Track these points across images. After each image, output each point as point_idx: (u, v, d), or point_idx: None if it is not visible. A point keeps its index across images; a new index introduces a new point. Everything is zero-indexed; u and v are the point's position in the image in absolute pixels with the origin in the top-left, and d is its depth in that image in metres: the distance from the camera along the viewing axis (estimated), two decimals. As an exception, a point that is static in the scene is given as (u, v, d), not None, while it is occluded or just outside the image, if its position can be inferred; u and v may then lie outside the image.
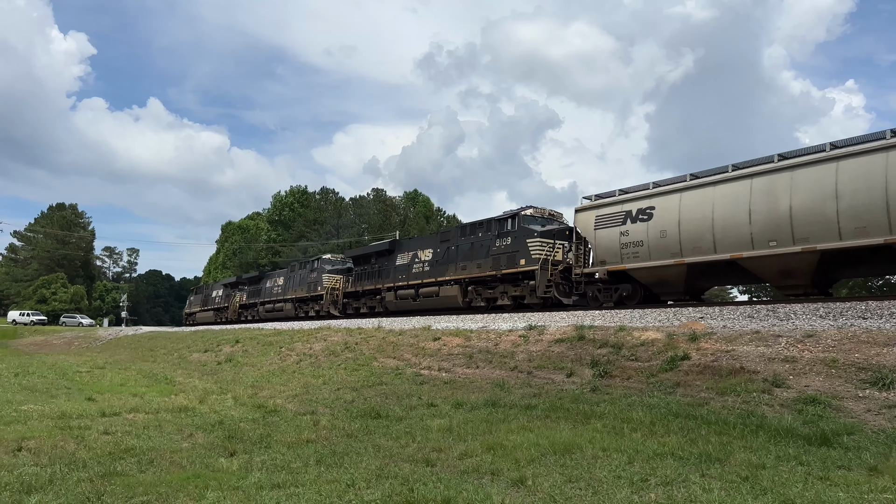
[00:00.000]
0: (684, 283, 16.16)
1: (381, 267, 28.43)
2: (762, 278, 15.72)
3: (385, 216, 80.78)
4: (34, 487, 5.55)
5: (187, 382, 16.24)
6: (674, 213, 15.94)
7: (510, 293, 21.07)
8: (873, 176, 12.32)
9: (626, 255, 16.95)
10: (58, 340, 48.37)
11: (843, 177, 12.88)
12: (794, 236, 13.52)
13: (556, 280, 19.25)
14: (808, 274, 13.75)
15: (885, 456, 5.87)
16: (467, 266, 22.85)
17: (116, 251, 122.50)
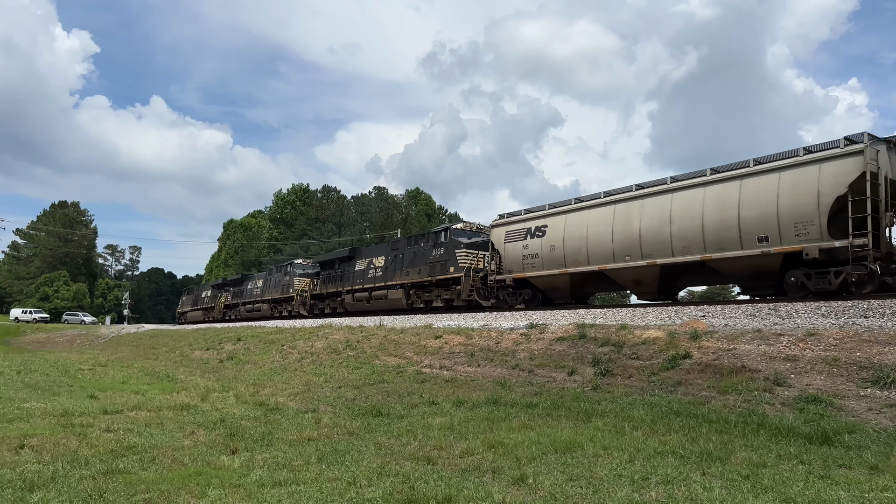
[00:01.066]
0: (570, 289, 19.55)
1: (342, 272, 31.54)
2: (623, 286, 18.87)
3: (387, 214, 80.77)
4: (37, 485, 5.57)
5: (189, 380, 16.26)
6: (560, 232, 19.20)
7: (443, 296, 24.11)
8: (694, 206, 15.58)
9: (526, 265, 20.34)
10: (60, 338, 48.44)
11: (675, 205, 16.05)
12: (642, 253, 16.71)
13: (477, 285, 22.47)
14: (654, 283, 16.89)
15: (886, 455, 5.88)
16: (410, 273, 25.93)
17: (118, 249, 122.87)
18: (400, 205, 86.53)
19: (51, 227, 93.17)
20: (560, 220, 19.48)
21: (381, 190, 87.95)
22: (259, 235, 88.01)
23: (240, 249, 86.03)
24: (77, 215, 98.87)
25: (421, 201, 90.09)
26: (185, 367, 20.62)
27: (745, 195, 14.71)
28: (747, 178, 14.90)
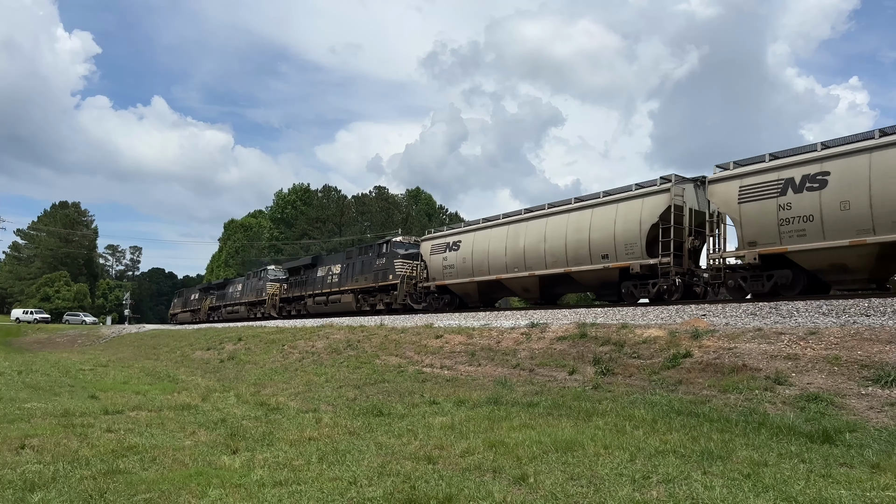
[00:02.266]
0: (478, 294, 23.62)
1: (306, 278, 35.16)
2: (515, 292, 23.02)
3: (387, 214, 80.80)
4: (37, 485, 5.57)
5: (190, 380, 16.27)
6: (470, 246, 23.18)
7: (384, 300, 27.78)
8: (560, 228, 19.54)
9: (446, 274, 24.33)
10: (61, 338, 48.48)
11: (548, 228, 19.96)
12: (526, 265, 20.64)
13: (411, 291, 26.25)
14: (536, 290, 20.92)
15: (887, 453, 5.87)
16: (359, 279, 29.74)
17: (119, 249, 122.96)
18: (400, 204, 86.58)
19: (51, 228, 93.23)
20: (470, 236, 23.55)
21: (382, 190, 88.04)
22: (260, 235, 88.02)
23: (240, 249, 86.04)
24: (78, 215, 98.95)
25: (422, 201, 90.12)
26: (186, 367, 20.63)
27: (594, 221, 18.56)
28: (597, 207, 18.72)
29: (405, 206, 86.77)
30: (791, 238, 14.03)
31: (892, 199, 12.27)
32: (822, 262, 13.81)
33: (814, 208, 13.61)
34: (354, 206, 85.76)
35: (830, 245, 13.30)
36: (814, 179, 13.69)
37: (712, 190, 15.86)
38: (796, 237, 13.94)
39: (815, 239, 13.60)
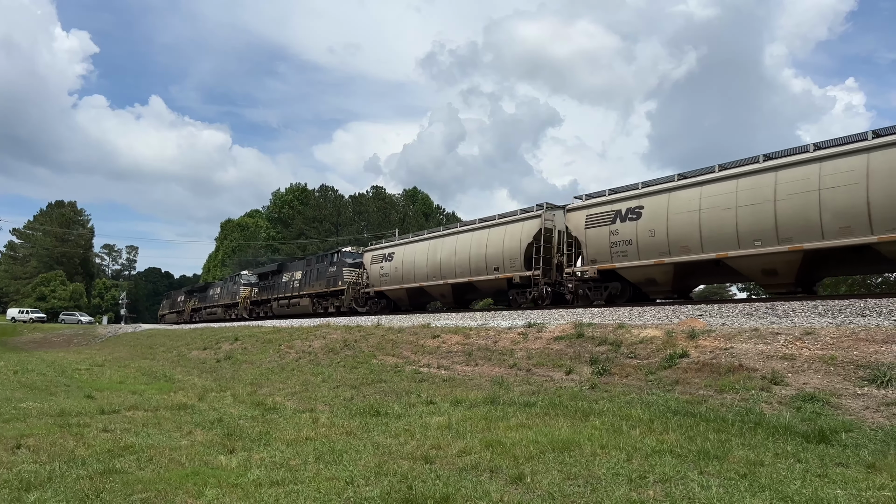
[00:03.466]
0: (408, 299, 27.60)
1: (273, 283, 38.76)
2: (435, 297, 26.88)
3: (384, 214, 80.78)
4: (33, 485, 5.56)
5: (186, 380, 16.25)
6: (401, 257, 27.27)
7: (334, 304, 31.45)
8: (465, 244, 23.67)
9: (382, 282, 28.42)
10: (57, 338, 48.36)
11: (458, 244, 24.05)
12: (441, 275, 24.83)
13: (356, 296, 30.22)
14: (450, 295, 25.08)
15: (882, 453, 5.88)
16: (314, 285, 33.22)
17: (116, 249, 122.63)
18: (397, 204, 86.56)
19: (47, 227, 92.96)
20: (402, 249, 27.62)
21: (379, 189, 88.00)
22: (256, 235, 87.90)
23: (237, 249, 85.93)
24: (74, 215, 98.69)
25: (419, 201, 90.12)
26: (183, 367, 20.60)
27: (490, 239, 22.67)
28: (492, 228, 22.93)
29: (402, 206, 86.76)
30: (618, 257, 17.87)
31: (680, 230, 16.31)
32: (639, 277, 17.71)
33: (632, 234, 17.51)
34: (351, 205, 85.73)
35: (643, 264, 17.20)
36: (633, 212, 17.66)
37: (568, 217, 19.73)
38: (621, 257, 17.79)
39: (633, 258, 17.45)
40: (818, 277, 16.59)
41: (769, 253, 14.47)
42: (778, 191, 14.37)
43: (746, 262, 15.16)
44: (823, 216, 13.52)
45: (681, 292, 17.98)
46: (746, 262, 15.12)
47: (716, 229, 15.49)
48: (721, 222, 15.35)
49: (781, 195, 14.28)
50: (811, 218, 13.69)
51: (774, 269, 14.81)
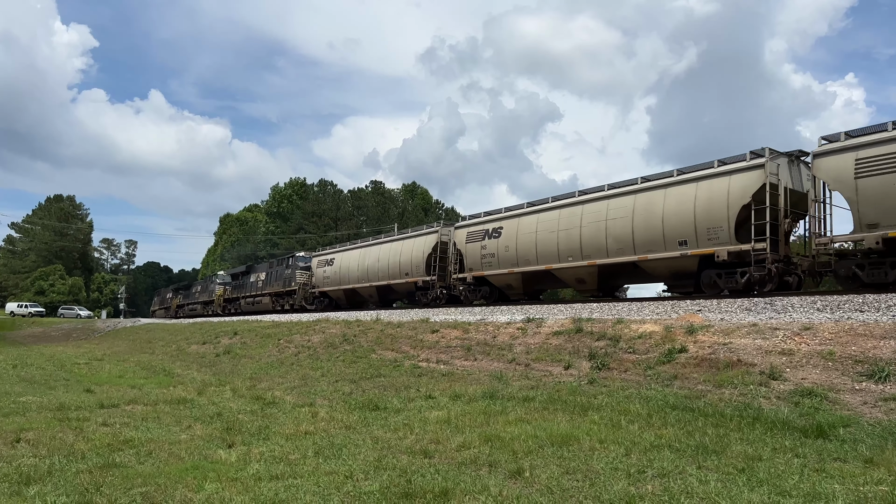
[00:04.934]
0: (346, 299, 32.04)
1: (242, 282, 43.15)
2: (366, 298, 31.01)
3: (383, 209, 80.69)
4: (33, 478, 5.56)
5: (186, 374, 16.26)
6: (342, 262, 31.45)
7: (289, 302, 35.74)
8: (396, 251, 27.60)
9: (325, 283, 32.75)
10: (55, 332, 48.36)
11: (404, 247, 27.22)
12: (369, 278, 29.22)
13: (306, 295, 34.03)
14: (375, 295, 29.61)
15: (880, 448, 5.90)
16: (274, 285, 37.82)
17: (114, 243, 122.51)
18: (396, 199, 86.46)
19: (46, 221, 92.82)
20: (340, 255, 32.06)
21: (378, 184, 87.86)
22: (255, 230, 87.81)
23: (236, 244, 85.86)
24: (73, 209, 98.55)
25: (418, 196, 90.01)
26: (182, 361, 20.61)
27: (403, 249, 26.97)
28: (405, 240, 27.24)
29: (401, 201, 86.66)
30: (486, 267, 22.30)
31: (525, 247, 20.55)
32: (501, 282, 22.22)
33: (495, 249, 21.86)
34: (350, 200, 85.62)
35: (502, 272, 21.67)
36: (496, 231, 22.07)
37: (456, 234, 24.59)
38: (488, 266, 22.25)
39: (496, 268, 21.92)
40: (616, 285, 21.02)
41: (577, 266, 18.86)
42: (583, 219, 18.78)
43: (565, 273, 19.72)
44: (608, 240, 17.98)
45: (530, 295, 22.71)
46: (565, 272, 19.68)
47: (545, 247, 19.82)
48: (548, 242, 19.72)
49: (584, 223, 18.70)
50: (601, 241, 18.20)
51: (583, 278, 19.19)
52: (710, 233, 15.56)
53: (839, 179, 13.62)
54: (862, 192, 13.07)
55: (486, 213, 23.08)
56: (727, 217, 15.24)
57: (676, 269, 16.94)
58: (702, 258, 15.94)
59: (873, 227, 12.85)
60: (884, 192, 12.67)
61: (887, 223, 12.62)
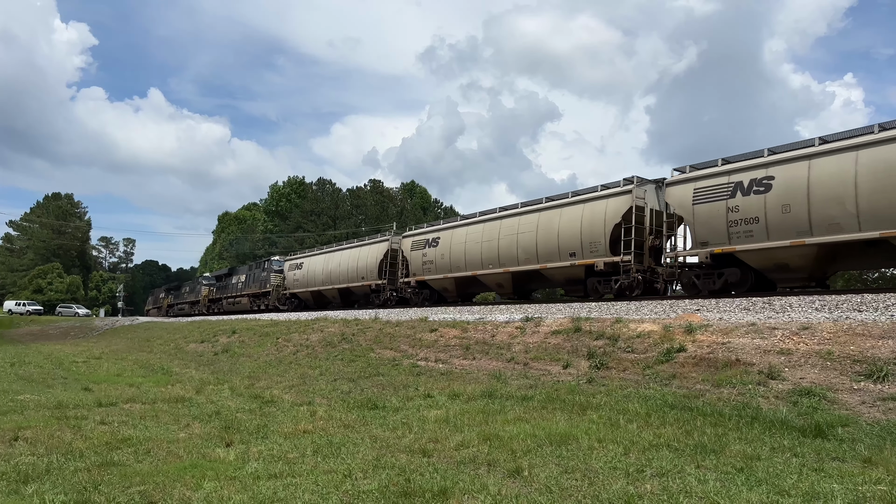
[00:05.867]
0: (313, 300, 34.80)
1: (225, 284, 46.35)
2: (330, 299, 33.82)
3: (382, 208, 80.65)
4: (31, 477, 5.55)
5: (184, 373, 16.24)
6: (308, 267, 34.88)
7: (264, 302, 38.72)
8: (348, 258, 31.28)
9: (295, 285, 36.02)
10: (54, 330, 48.32)
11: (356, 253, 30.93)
12: (331, 280, 32.41)
13: (279, 296, 37.35)
14: (337, 297, 32.52)
15: (879, 448, 5.90)
16: (251, 287, 41.09)
17: (113, 241, 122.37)
18: (395, 198, 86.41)
19: (44, 219, 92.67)
20: (308, 260, 35.50)
21: (377, 183, 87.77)
22: (254, 228, 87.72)
23: (234, 242, 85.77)
24: (71, 207, 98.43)
25: (417, 194, 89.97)
26: (180, 360, 20.59)
27: (360, 256, 30.19)
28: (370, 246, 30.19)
29: (400, 200, 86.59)
30: (427, 272, 25.53)
31: (457, 256, 23.58)
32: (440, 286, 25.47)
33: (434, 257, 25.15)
34: (349, 199, 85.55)
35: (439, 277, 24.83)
36: (435, 241, 25.23)
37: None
38: (428, 272, 25.44)
39: (434, 273, 25.20)
40: (529, 289, 23.42)
41: (496, 273, 21.84)
42: (500, 233, 21.63)
43: (487, 278, 22.75)
44: (518, 251, 20.77)
45: (463, 298, 25.04)
46: (487, 278, 22.70)
47: (472, 256, 22.98)
48: (474, 252, 22.79)
49: (502, 236, 21.52)
50: (513, 251, 20.99)
51: (501, 283, 22.14)
52: (591, 246, 18.57)
53: (682, 205, 16.45)
54: (696, 216, 15.96)
55: (428, 225, 26.92)
56: (604, 233, 18.21)
57: (569, 277, 19.83)
58: (586, 267, 18.77)
59: (705, 245, 15.84)
60: (711, 216, 15.57)
61: (714, 242, 15.61)
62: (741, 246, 14.97)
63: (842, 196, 13.24)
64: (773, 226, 14.32)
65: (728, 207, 15.16)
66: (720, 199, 15.38)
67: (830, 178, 13.47)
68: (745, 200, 14.85)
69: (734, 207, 15.04)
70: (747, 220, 14.80)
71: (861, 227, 13.03)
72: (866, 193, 12.91)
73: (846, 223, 13.21)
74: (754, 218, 14.67)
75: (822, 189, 13.56)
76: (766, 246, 14.51)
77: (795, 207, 13.97)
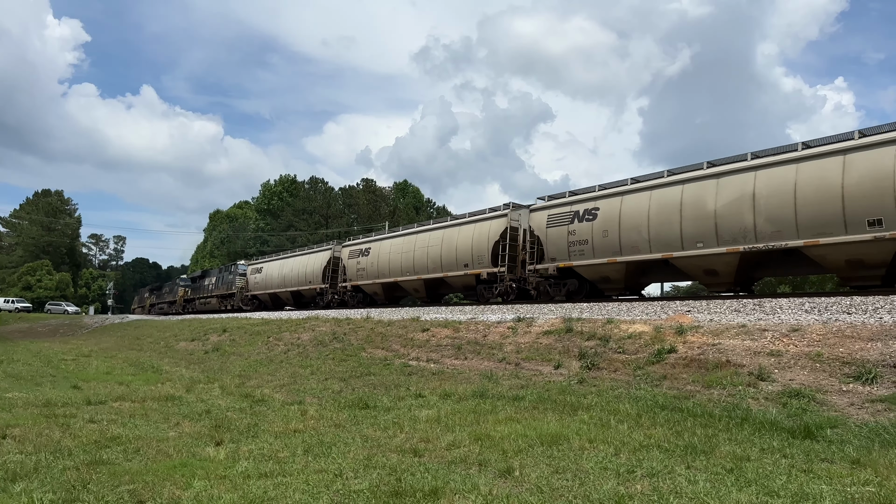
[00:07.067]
0: (270, 301, 38.62)
1: (199, 285, 50.04)
2: (285, 301, 37.40)
3: (374, 207, 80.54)
4: (19, 475, 5.51)
5: (174, 371, 16.16)
6: (268, 271, 38.68)
7: (231, 303, 42.50)
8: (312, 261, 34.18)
9: (255, 287, 40.03)
10: (42, 328, 48.00)
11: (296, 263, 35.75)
12: (284, 283, 36.02)
13: (243, 298, 40.98)
14: (291, 300, 36.19)
15: (867, 449, 5.94)
16: (220, 288, 44.81)
17: (103, 238, 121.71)
18: (388, 197, 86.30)
19: (34, 216, 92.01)
20: (267, 265, 39.23)
21: (369, 182, 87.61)
22: (245, 226, 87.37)
23: (225, 240, 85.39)
24: (61, 204, 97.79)
25: (409, 194, 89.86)
26: (170, 358, 20.48)
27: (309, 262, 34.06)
28: (317, 253, 34.18)
29: (392, 199, 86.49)
30: (360, 277, 29.75)
31: (384, 264, 27.54)
32: (371, 290, 29.25)
33: (366, 265, 29.06)
34: (341, 198, 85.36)
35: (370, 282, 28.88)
36: (367, 251, 29.23)
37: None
38: (361, 278, 29.60)
39: (366, 279, 29.27)
40: (438, 294, 26.78)
41: (412, 279, 25.90)
42: (416, 245, 25.73)
43: (406, 284, 26.66)
44: (428, 261, 24.96)
45: (390, 301, 28.36)
46: (406, 283, 26.62)
47: (395, 265, 26.87)
48: (396, 261, 26.76)
49: (417, 248, 25.59)
50: (424, 262, 25.20)
51: (416, 288, 26.28)
52: (479, 259, 22.40)
53: (539, 228, 20.39)
54: (549, 236, 19.98)
55: (363, 237, 31.35)
56: (487, 249, 22.08)
57: (465, 284, 23.57)
58: (476, 276, 22.51)
59: (553, 260, 19.80)
60: (558, 238, 19.60)
61: (559, 258, 19.57)
62: (577, 262, 18.99)
63: (640, 225, 17.16)
64: (597, 247, 18.40)
65: (569, 231, 19.37)
66: (564, 224, 19.57)
67: (633, 211, 17.42)
68: (580, 226, 19.00)
69: (573, 231, 19.21)
70: (581, 241, 18.91)
71: (651, 249, 16.92)
72: (655, 224, 16.79)
73: (643, 246, 17.14)
74: (585, 240, 18.78)
75: (629, 219, 17.51)
76: (592, 262, 18.51)
77: (611, 233, 17.98)
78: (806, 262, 14.71)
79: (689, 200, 16.09)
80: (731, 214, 15.08)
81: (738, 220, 14.91)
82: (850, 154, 13.42)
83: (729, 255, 15.18)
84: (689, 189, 16.21)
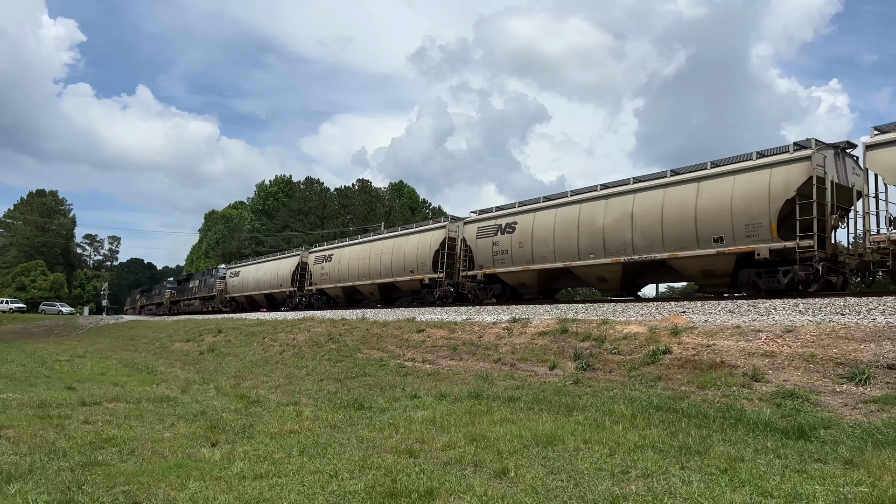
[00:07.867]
0: (248, 303, 40.35)
1: (184, 288, 52.09)
2: (260, 303, 38.39)
3: (370, 207, 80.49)
4: (14, 476, 5.50)
5: (169, 372, 16.13)
6: (244, 274, 41.01)
7: (211, 304, 44.25)
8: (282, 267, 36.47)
9: (233, 290, 42.04)
10: (37, 328, 47.82)
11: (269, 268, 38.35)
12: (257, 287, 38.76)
13: (222, 300, 42.97)
14: (265, 302, 38.05)
15: (860, 450, 5.97)
16: (203, 291, 46.96)
17: (98, 239, 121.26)
18: (383, 198, 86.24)
19: (28, 216, 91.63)
20: (244, 268, 41.68)
21: (365, 183, 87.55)
22: (241, 227, 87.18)
23: (221, 241, 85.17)
24: (55, 204, 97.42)
25: (405, 194, 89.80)
26: (165, 359, 20.44)
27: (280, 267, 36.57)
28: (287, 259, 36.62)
29: (388, 200, 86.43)
30: (324, 281, 31.82)
31: (345, 268, 29.88)
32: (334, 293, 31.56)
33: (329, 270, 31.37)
34: (337, 198, 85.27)
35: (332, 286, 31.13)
36: (330, 257, 31.54)
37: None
38: (324, 282, 31.90)
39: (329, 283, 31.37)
40: (392, 297, 28.95)
41: (368, 283, 28.14)
42: (370, 252, 27.96)
43: (363, 287, 28.78)
44: (381, 266, 27.13)
45: (350, 303, 30.51)
46: (363, 287, 28.71)
47: (354, 270, 29.18)
48: (354, 267, 29.17)
49: (371, 255, 27.80)
50: (377, 267, 27.39)
51: (372, 291, 28.25)
52: (422, 266, 24.59)
53: (471, 239, 22.75)
54: (478, 247, 22.47)
55: (328, 243, 34.65)
56: (429, 256, 24.27)
57: (412, 288, 25.84)
58: (420, 281, 24.73)
59: (482, 268, 22.46)
60: (485, 248, 22.07)
61: (486, 266, 22.20)
62: (500, 269, 21.26)
63: (547, 238, 19.46)
64: (515, 256, 20.66)
65: (493, 242, 21.53)
66: (490, 236, 21.70)
67: (543, 226, 19.72)
68: (502, 238, 21.17)
69: (496, 242, 21.40)
70: (503, 251, 21.11)
71: (556, 259, 19.29)
72: (559, 237, 19.16)
73: (549, 256, 19.45)
74: (506, 250, 20.99)
75: (539, 232, 19.80)
76: (512, 270, 20.84)
77: (525, 245, 20.27)
78: (673, 272, 17.17)
79: (584, 218, 18.58)
80: (615, 230, 17.60)
81: (621, 236, 17.45)
82: (703, 182, 15.89)
83: (614, 265, 17.71)
84: (585, 208, 18.72)
